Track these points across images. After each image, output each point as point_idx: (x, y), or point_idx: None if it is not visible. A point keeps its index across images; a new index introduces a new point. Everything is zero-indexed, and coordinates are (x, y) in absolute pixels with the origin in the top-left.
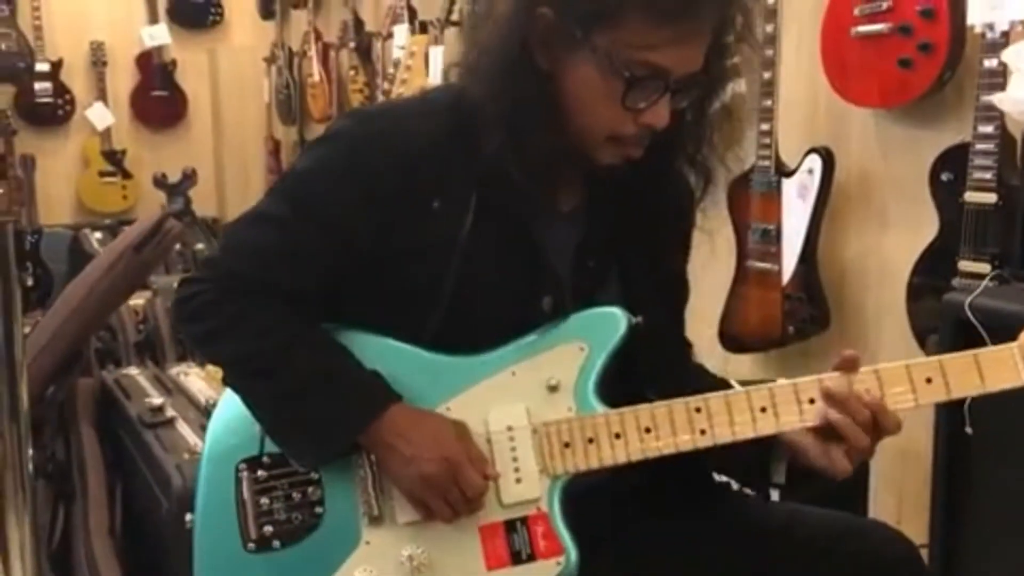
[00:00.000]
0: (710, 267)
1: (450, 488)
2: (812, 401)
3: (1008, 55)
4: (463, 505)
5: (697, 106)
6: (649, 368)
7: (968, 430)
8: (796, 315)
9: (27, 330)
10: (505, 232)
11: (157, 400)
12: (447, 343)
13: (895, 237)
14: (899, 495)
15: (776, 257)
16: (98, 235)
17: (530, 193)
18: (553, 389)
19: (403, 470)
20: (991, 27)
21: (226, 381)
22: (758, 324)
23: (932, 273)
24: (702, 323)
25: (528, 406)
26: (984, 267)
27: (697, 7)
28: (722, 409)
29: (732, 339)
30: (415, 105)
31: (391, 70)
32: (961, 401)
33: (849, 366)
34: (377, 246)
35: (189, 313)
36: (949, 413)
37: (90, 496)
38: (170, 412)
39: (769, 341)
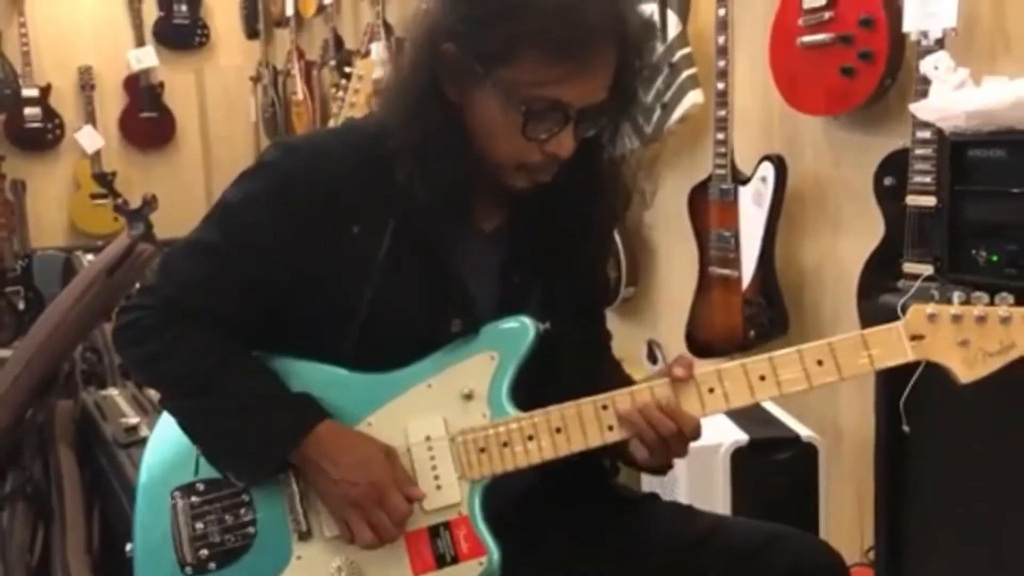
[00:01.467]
0: (677, 273)
1: (374, 511)
2: (712, 390)
3: (926, 65)
4: (387, 528)
5: (612, 129)
6: (568, 370)
7: (905, 428)
8: (756, 319)
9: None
10: (420, 256)
11: (133, 420)
12: (363, 363)
13: (848, 241)
14: (858, 492)
15: (736, 263)
16: (90, 257)
17: (444, 217)
18: (468, 398)
19: (330, 490)
20: (925, 35)
21: (163, 404)
22: (721, 329)
23: (880, 275)
24: (671, 328)
25: (445, 416)
26: (926, 268)
27: (589, 43)
28: (627, 404)
29: (698, 344)
30: (337, 135)
31: (340, 93)
32: (897, 400)
33: (683, 373)
34: (300, 270)
35: (129, 339)
36: (887, 413)
37: (68, 516)
38: (144, 432)
39: (732, 345)
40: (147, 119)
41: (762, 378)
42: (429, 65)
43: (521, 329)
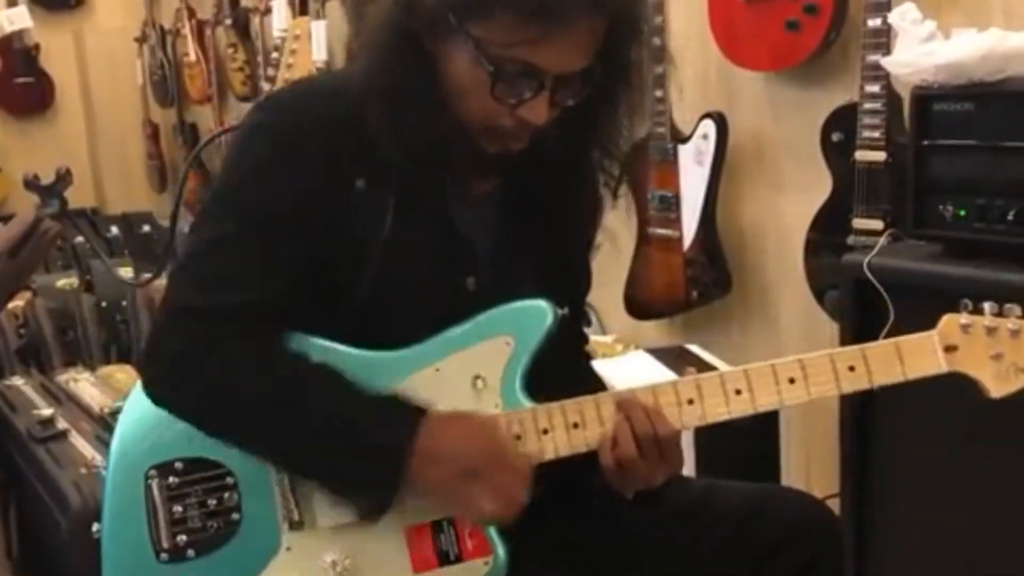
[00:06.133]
0: (611, 234)
1: (495, 476)
2: (739, 392)
3: (894, 17)
4: (511, 488)
5: (608, 99)
6: (561, 361)
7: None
8: (699, 280)
9: None
10: (426, 213)
11: (46, 411)
12: (368, 336)
13: (790, 198)
14: (808, 448)
15: (676, 223)
16: None
17: (430, 173)
18: (479, 386)
19: (441, 471)
20: None
21: (242, 445)
22: (662, 290)
23: (827, 231)
24: (607, 290)
25: (453, 404)
26: (877, 224)
27: (568, 8)
28: (648, 401)
29: (638, 305)
30: (326, 85)
31: (275, 54)
32: None
33: None
34: (316, 232)
35: (171, 383)
36: None
37: None
38: (62, 424)
39: (674, 306)
40: (23, 84)
41: (791, 381)
42: (403, 12)
43: (539, 312)
